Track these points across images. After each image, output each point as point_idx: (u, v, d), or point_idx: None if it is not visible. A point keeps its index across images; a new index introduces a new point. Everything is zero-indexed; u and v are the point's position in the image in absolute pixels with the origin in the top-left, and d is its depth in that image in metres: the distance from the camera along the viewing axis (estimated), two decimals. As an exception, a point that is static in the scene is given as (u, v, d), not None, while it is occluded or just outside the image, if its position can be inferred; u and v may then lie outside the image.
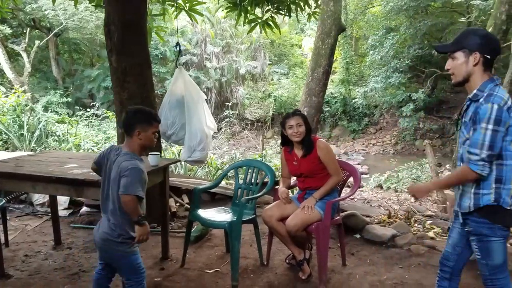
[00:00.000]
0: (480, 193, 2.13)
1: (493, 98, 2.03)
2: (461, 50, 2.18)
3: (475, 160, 2.04)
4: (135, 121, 2.41)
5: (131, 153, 2.41)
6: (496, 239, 2.14)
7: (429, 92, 17.14)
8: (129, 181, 2.28)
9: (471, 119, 2.10)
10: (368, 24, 19.93)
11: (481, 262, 2.21)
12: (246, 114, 18.55)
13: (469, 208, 2.17)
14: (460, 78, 2.20)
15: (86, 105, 15.81)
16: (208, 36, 19.40)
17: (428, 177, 10.74)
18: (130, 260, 2.46)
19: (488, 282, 2.23)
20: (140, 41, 4.33)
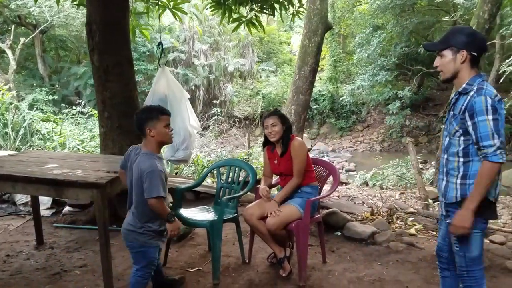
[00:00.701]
0: (467, 183, 2.19)
1: (484, 91, 2.11)
2: (448, 48, 2.25)
3: (493, 151, 2.05)
4: (142, 120, 2.54)
5: (149, 153, 2.55)
6: (475, 232, 2.21)
7: (416, 90, 17.31)
8: (149, 185, 2.44)
9: (461, 111, 2.16)
10: (355, 22, 20.04)
11: (459, 253, 2.28)
12: (234, 112, 18.55)
13: (455, 198, 2.23)
14: (449, 75, 2.28)
15: (73, 102, 15.68)
16: (196, 33, 19.34)
17: (413, 174, 10.87)
18: (147, 251, 2.61)
19: (464, 274, 2.29)
20: (122, 40, 4.33)
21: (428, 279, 3.22)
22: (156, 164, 2.48)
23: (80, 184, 2.94)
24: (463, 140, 2.19)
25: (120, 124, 4.32)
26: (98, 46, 4.17)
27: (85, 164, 3.39)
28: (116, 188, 3.20)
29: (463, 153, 2.20)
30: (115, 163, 3.50)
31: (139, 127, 2.55)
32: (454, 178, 2.23)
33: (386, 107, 17.16)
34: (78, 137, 8.15)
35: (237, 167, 3.68)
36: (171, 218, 2.54)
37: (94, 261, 3.58)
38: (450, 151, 2.26)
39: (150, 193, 2.44)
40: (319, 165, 3.64)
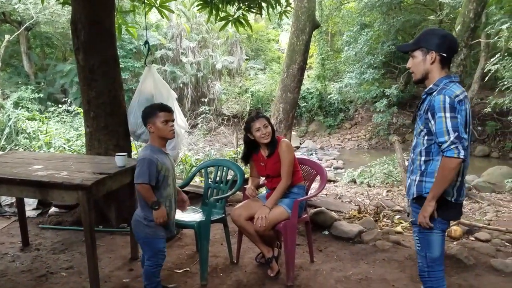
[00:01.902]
0: (423, 181, 2.24)
1: (445, 91, 2.14)
2: (419, 49, 2.29)
3: (447, 146, 2.07)
4: (144, 117, 2.75)
5: (148, 145, 2.77)
6: (436, 232, 2.25)
7: (402, 88, 17.43)
8: (137, 171, 2.64)
9: (425, 111, 2.20)
10: (343, 20, 20.09)
11: (420, 253, 2.32)
12: (223, 110, 18.50)
13: (413, 195, 2.29)
14: (419, 75, 2.32)
15: (59, 100, 15.49)
16: (184, 31, 19.22)
17: (400, 171, 10.96)
18: (152, 242, 2.74)
19: (425, 275, 2.32)
20: (107, 39, 4.28)
21: (414, 278, 3.24)
22: (149, 153, 2.66)
23: (65, 186, 2.90)
24: (427, 140, 2.22)
25: (106, 124, 4.28)
26: (84, 45, 4.12)
27: (71, 165, 3.35)
28: (102, 189, 3.17)
29: (425, 152, 2.24)
30: (101, 164, 3.48)
31: (144, 123, 2.78)
32: (415, 176, 2.28)
33: (373, 105, 17.25)
34: (64, 136, 8.06)
35: (225, 167, 3.68)
36: (155, 206, 2.66)
37: (80, 262, 3.55)
38: (416, 150, 2.30)
39: (136, 179, 2.64)
40: (306, 165, 3.65)
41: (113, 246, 3.90)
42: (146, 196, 2.66)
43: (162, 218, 2.70)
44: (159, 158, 2.71)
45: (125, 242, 3.99)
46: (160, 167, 2.69)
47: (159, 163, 2.69)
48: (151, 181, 2.64)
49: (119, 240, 4.06)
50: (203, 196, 3.74)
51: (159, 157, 2.71)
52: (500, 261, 3.37)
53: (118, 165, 3.32)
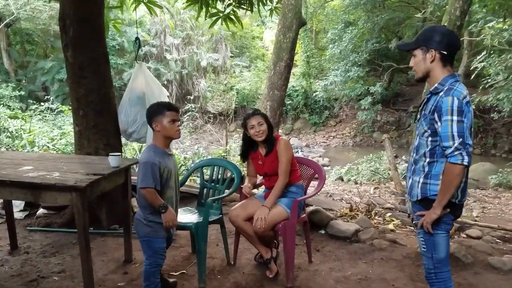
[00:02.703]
0: (428, 183, 2.21)
1: (453, 92, 2.10)
2: (419, 48, 2.26)
3: (451, 152, 2.05)
4: (150, 115, 2.69)
5: (152, 145, 2.71)
6: (441, 233, 2.23)
7: (386, 86, 17.58)
8: (141, 175, 2.58)
9: (431, 111, 2.16)
10: (327, 18, 20.16)
11: (426, 255, 2.29)
12: (208, 107, 18.37)
13: (416, 197, 2.26)
14: (421, 74, 2.29)
15: (40, 98, 15.15)
16: (168, 27, 19.01)
17: (386, 169, 11.04)
18: (152, 241, 2.71)
19: (432, 276, 2.29)
20: (97, 36, 4.17)
21: (413, 277, 3.25)
22: (152, 156, 2.60)
23: (58, 187, 2.80)
24: (431, 141, 2.19)
25: (96, 123, 4.16)
26: (72, 42, 3.99)
27: (62, 166, 3.23)
28: (96, 190, 3.08)
29: (430, 153, 2.21)
30: (93, 164, 3.38)
31: (148, 122, 2.71)
32: (418, 177, 2.25)
33: (358, 103, 17.37)
34: (47, 135, 7.85)
35: (221, 166, 3.61)
36: (162, 209, 2.61)
37: (72, 266, 3.44)
38: (419, 151, 2.27)
39: (140, 183, 2.58)
40: (304, 164, 3.61)
41: (105, 248, 3.80)
42: (152, 200, 2.61)
43: (171, 221, 2.67)
44: (162, 160, 2.65)
45: (117, 244, 3.89)
46: (163, 170, 2.64)
47: (162, 165, 2.63)
48: (156, 185, 2.59)
49: (111, 242, 3.95)
50: (199, 196, 3.66)
51: (161, 159, 2.65)
52: (497, 259, 3.39)
53: (112, 166, 3.23)
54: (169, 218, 2.64)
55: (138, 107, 4.36)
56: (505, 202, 8.11)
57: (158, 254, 2.73)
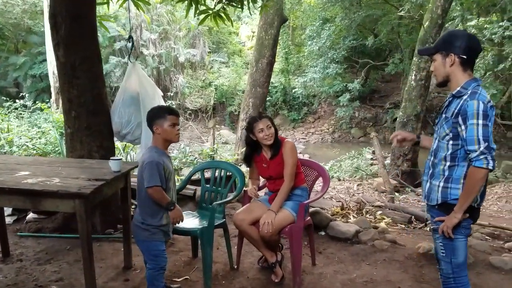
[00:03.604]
0: (448, 187, 2.21)
1: (478, 95, 2.11)
2: (439, 52, 2.27)
3: (476, 156, 2.05)
4: (151, 118, 2.73)
5: (153, 147, 2.75)
6: (460, 237, 2.24)
7: (363, 82, 17.78)
8: (148, 174, 2.60)
9: (454, 115, 2.16)
10: (304, 14, 20.17)
11: (445, 260, 2.29)
12: (186, 104, 18.12)
13: (436, 201, 2.26)
14: (441, 79, 2.30)
15: (11, 95, 14.60)
16: (144, 22, 18.58)
17: (367, 164, 11.19)
18: (150, 245, 2.72)
19: (450, 281, 2.30)
20: (89, 33, 4.03)
21: (418, 278, 3.28)
22: (156, 156, 2.65)
23: (61, 195, 2.70)
24: (452, 145, 2.20)
25: (89, 124, 4.02)
26: (64, 41, 3.84)
27: (60, 171, 3.11)
28: (99, 197, 2.98)
29: (451, 157, 2.21)
30: (93, 168, 3.26)
31: (148, 124, 2.75)
32: (438, 181, 2.26)
33: (336, 99, 17.50)
34: (26, 133, 7.55)
35: (223, 169, 3.55)
36: (170, 206, 2.69)
37: (70, 273, 3.32)
38: (439, 154, 2.27)
39: (148, 183, 2.60)
40: (307, 166, 3.59)
41: (102, 254, 3.68)
42: (160, 199, 2.66)
43: (179, 217, 2.77)
44: (164, 160, 2.71)
45: (114, 250, 3.78)
46: (165, 169, 2.69)
47: (165, 165, 2.69)
48: (162, 183, 2.65)
49: (107, 247, 3.84)
50: (200, 200, 3.60)
51: (164, 159, 2.71)
52: (498, 258, 3.47)
53: (113, 170, 3.13)
54: (176, 215, 2.74)
55: (132, 108, 4.24)
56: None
57: (160, 256, 2.74)
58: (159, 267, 2.73)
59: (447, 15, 12.96)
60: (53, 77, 10.65)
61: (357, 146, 14.58)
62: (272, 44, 11.38)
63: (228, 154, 9.39)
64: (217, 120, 18.30)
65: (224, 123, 18.37)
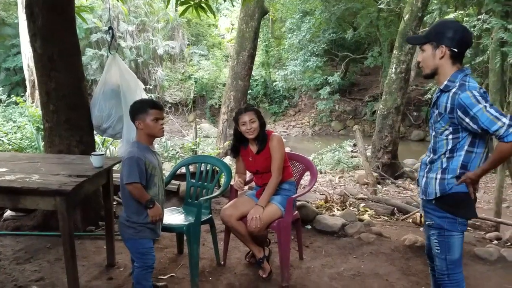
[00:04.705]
0: (445, 178, 2.18)
1: (467, 86, 2.07)
2: (429, 43, 2.21)
3: (505, 131, 1.96)
4: (133, 112, 2.64)
5: (135, 142, 2.67)
6: (457, 234, 2.21)
7: (342, 75, 17.86)
8: (126, 170, 2.52)
9: (448, 110, 2.11)
10: (284, 7, 20.08)
11: (440, 256, 2.26)
12: (166, 97, 17.87)
13: (435, 194, 2.21)
14: (428, 70, 2.24)
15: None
16: (121, 13, 18.18)
17: (348, 157, 11.26)
18: (137, 243, 2.65)
19: (445, 278, 2.28)
20: (67, 24, 3.89)
21: (405, 271, 3.29)
22: (137, 151, 2.57)
23: (41, 192, 2.59)
24: (452, 139, 2.15)
25: (68, 118, 3.89)
26: (41, 32, 3.69)
27: (39, 167, 2.99)
28: (81, 193, 2.89)
29: (450, 151, 2.18)
30: (73, 164, 3.16)
31: (131, 118, 2.66)
32: (435, 174, 2.22)
33: (316, 92, 17.54)
34: (1, 128, 7.30)
35: (209, 164, 3.48)
36: (149, 204, 2.58)
37: (51, 272, 3.22)
38: (439, 151, 2.22)
39: (126, 179, 2.53)
40: (295, 160, 3.55)
41: (84, 252, 3.58)
42: (139, 196, 2.56)
43: (158, 215, 2.64)
44: (147, 156, 2.62)
45: (96, 248, 3.69)
46: (148, 165, 2.60)
47: (147, 160, 2.60)
48: (142, 179, 2.56)
49: (89, 245, 3.74)
50: (186, 196, 3.52)
51: (146, 155, 2.62)
52: (483, 249, 3.51)
53: (94, 166, 3.03)
54: (155, 213, 2.61)
55: (112, 101, 4.11)
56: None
57: (147, 254, 2.66)
58: (146, 265, 2.66)
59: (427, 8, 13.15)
60: (28, 70, 10.33)
61: (338, 139, 14.66)
62: (253, 37, 11.29)
63: (210, 148, 9.31)
64: (198, 114, 18.12)
65: (205, 116, 18.21)
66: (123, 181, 2.55)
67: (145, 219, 2.62)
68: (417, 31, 8.86)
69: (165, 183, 3.47)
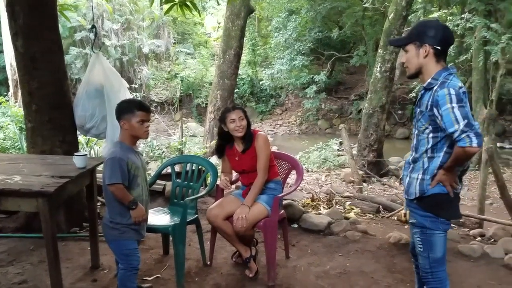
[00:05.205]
0: (425, 179, 2.21)
1: (447, 84, 2.09)
2: (412, 43, 2.23)
3: (458, 136, 2.01)
4: (119, 112, 2.60)
5: (118, 142, 2.64)
6: (439, 233, 2.24)
7: (328, 74, 17.94)
8: (108, 171, 2.49)
9: (428, 107, 2.14)
10: (270, 5, 20.09)
11: (423, 255, 2.29)
12: (151, 96, 17.73)
13: (415, 194, 2.24)
14: (413, 70, 2.26)
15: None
16: (106, 12, 18.00)
17: (334, 155, 11.31)
18: (121, 245, 2.62)
19: (428, 276, 2.31)
20: (50, 23, 3.83)
21: (390, 268, 3.32)
22: (119, 151, 2.54)
23: (23, 193, 2.55)
24: (432, 137, 2.18)
25: (51, 118, 3.83)
26: (23, 30, 3.63)
27: (21, 168, 2.95)
28: (64, 195, 2.85)
29: (431, 149, 2.21)
30: (56, 165, 3.12)
31: (117, 118, 2.62)
32: (417, 174, 2.25)
33: (303, 91, 17.60)
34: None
35: (195, 163, 3.46)
36: (132, 205, 2.55)
37: (34, 275, 3.17)
38: (420, 149, 2.25)
39: (108, 179, 2.50)
40: (281, 159, 3.55)
41: (68, 254, 3.53)
42: (122, 197, 2.53)
43: (141, 216, 2.61)
44: (130, 156, 2.59)
45: (81, 249, 3.64)
46: (131, 165, 2.57)
47: (130, 161, 2.56)
48: (124, 180, 2.52)
49: (73, 246, 3.69)
50: (171, 196, 3.50)
51: (129, 155, 2.59)
52: (467, 246, 3.56)
53: (78, 166, 2.99)
54: (139, 214, 2.58)
55: (96, 101, 4.06)
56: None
57: (131, 255, 2.63)
58: (131, 267, 2.62)
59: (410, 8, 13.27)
60: (11, 69, 10.15)
61: (324, 138, 14.71)
62: (239, 35, 11.27)
63: (197, 148, 9.27)
64: (184, 113, 18.02)
65: (191, 115, 18.12)
66: (105, 182, 2.52)
67: (129, 220, 2.58)
68: (401, 30, 8.93)
69: (151, 183, 3.48)
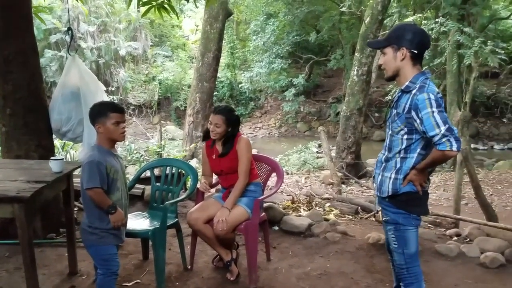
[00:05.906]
0: (398, 178, 2.27)
1: (426, 88, 2.15)
2: (389, 46, 2.28)
3: (438, 139, 2.06)
4: (92, 116, 2.56)
5: (95, 145, 2.59)
6: (412, 228, 2.31)
7: (307, 77, 18.11)
8: (86, 175, 2.45)
9: (406, 110, 2.19)
10: (248, 9, 20.14)
11: (398, 251, 2.35)
12: (129, 99, 17.52)
13: (387, 193, 2.30)
14: (390, 73, 2.32)
15: None
16: (81, 14, 17.71)
17: (313, 158, 11.40)
18: (99, 250, 2.57)
19: (404, 272, 2.36)
20: (24, 25, 3.74)
21: (370, 268, 3.36)
22: (97, 155, 2.50)
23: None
24: (406, 139, 2.24)
25: (26, 122, 3.74)
26: (-4, 31, 3.54)
27: (-5, 173, 2.87)
28: (40, 200, 2.78)
29: (404, 151, 2.27)
30: (31, 170, 3.05)
31: (91, 122, 2.58)
32: (390, 173, 2.30)
33: (282, 94, 17.70)
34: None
35: (174, 167, 3.43)
36: (111, 210, 2.51)
37: (10, 282, 3.10)
38: (393, 149, 2.31)
39: (86, 184, 2.46)
40: (261, 161, 3.56)
41: (44, 260, 3.45)
42: (100, 201, 2.48)
43: (120, 221, 2.57)
44: (108, 159, 2.55)
45: (57, 255, 3.56)
46: (110, 169, 2.53)
47: (108, 165, 2.52)
48: (103, 184, 2.48)
49: (50, 252, 3.60)
50: (150, 200, 3.46)
51: (108, 158, 2.55)
52: (444, 246, 3.62)
53: (54, 171, 2.93)
54: (118, 218, 2.54)
55: (72, 104, 3.98)
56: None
57: (110, 260, 2.59)
58: (110, 272, 2.58)
59: (386, 12, 13.49)
60: (-18, 71, 9.91)
61: (303, 140, 14.82)
62: (217, 38, 11.25)
63: (176, 151, 9.20)
64: (163, 116, 17.86)
65: (170, 118, 17.99)
66: (83, 186, 2.48)
67: (108, 225, 2.54)
68: (377, 33, 9.07)
69: (129, 187, 3.42)
